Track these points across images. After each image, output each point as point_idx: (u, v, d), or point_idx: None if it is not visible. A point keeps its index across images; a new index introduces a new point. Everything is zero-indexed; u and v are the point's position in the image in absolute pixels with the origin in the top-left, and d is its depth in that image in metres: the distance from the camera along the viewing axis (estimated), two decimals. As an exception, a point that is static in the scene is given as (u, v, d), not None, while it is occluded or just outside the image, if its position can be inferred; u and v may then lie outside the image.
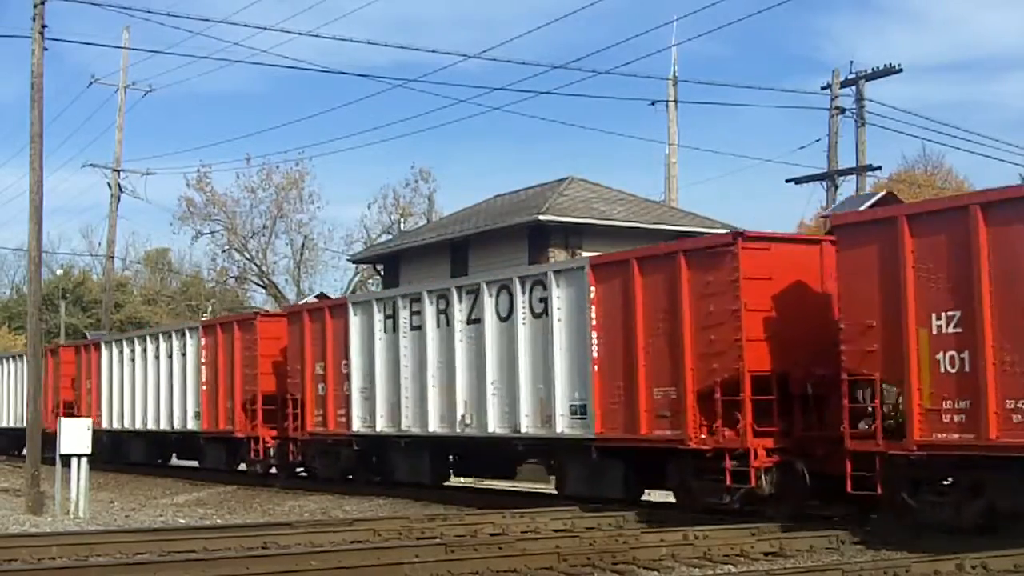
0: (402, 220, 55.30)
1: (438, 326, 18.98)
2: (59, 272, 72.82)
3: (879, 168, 34.12)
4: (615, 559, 11.56)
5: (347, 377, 20.87)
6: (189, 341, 26.52)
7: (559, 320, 16.61)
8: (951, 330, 12.04)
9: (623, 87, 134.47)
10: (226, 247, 58.77)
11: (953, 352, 12.01)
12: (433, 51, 68.04)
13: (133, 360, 29.16)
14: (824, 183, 32.74)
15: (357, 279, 57.39)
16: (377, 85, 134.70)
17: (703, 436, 14.46)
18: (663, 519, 14.82)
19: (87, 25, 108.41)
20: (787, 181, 33.50)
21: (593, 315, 16.00)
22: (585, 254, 27.32)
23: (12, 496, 21.82)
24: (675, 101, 39.67)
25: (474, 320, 18.26)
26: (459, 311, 18.51)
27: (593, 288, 16.06)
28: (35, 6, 20.68)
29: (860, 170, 32.71)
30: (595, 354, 15.97)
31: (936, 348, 12.15)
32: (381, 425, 20.15)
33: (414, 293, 19.90)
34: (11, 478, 26.89)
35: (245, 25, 49.83)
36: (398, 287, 30.51)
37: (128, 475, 28.15)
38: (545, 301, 16.82)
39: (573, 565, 11.34)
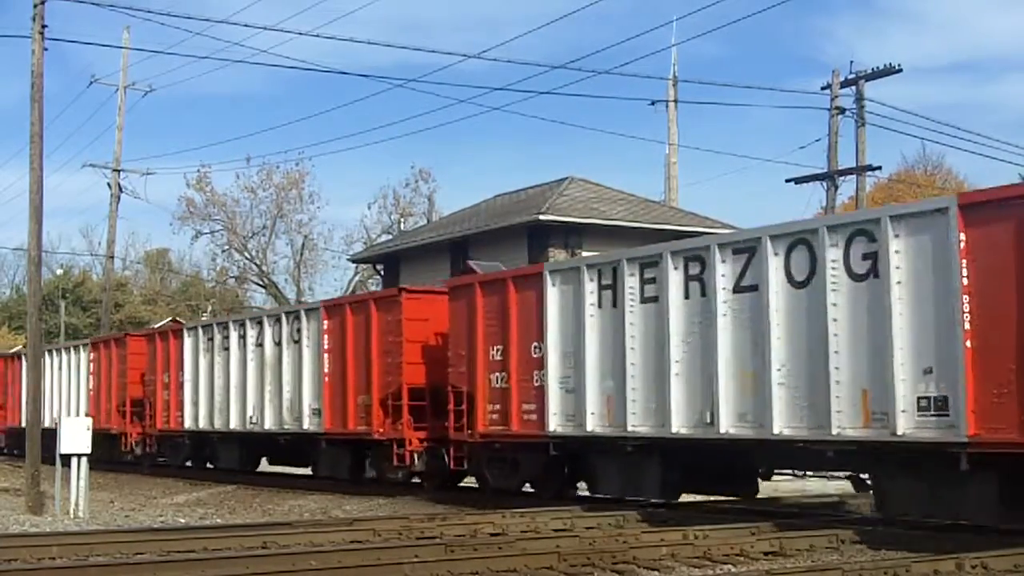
0: (402, 220, 55.36)
1: (239, 348, 24.62)
2: (59, 272, 72.87)
3: (879, 168, 34.15)
4: (615, 559, 11.55)
5: (181, 387, 26.72)
6: (83, 355, 32.29)
7: (307, 347, 22.31)
8: (497, 358, 17.85)
9: (623, 87, 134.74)
10: (226, 247, 58.87)
11: (498, 373, 17.85)
12: (433, 51, 68.26)
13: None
14: (824, 183, 32.73)
15: (357, 279, 57.45)
16: (377, 85, 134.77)
17: (383, 430, 20.16)
18: (663, 519, 14.84)
19: (87, 25, 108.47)
20: (787, 181, 33.50)
21: (326, 343, 21.80)
22: (585, 254, 27.36)
23: (12, 496, 21.81)
24: (675, 101, 39.78)
25: (259, 344, 23.92)
26: (251, 337, 24.22)
27: (326, 322, 21.86)
28: (35, 6, 20.65)
29: (860, 170, 32.71)
30: (326, 370, 21.71)
31: (491, 370, 17.97)
32: (204, 424, 25.83)
33: (224, 322, 25.90)
34: (11, 478, 26.89)
35: (245, 25, 49.96)
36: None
37: (128, 475, 28.19)
38: (300, 331, 22.55)
39: (573, 565, 11.33)
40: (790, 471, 17.77)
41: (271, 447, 24.97)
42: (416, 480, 20.95)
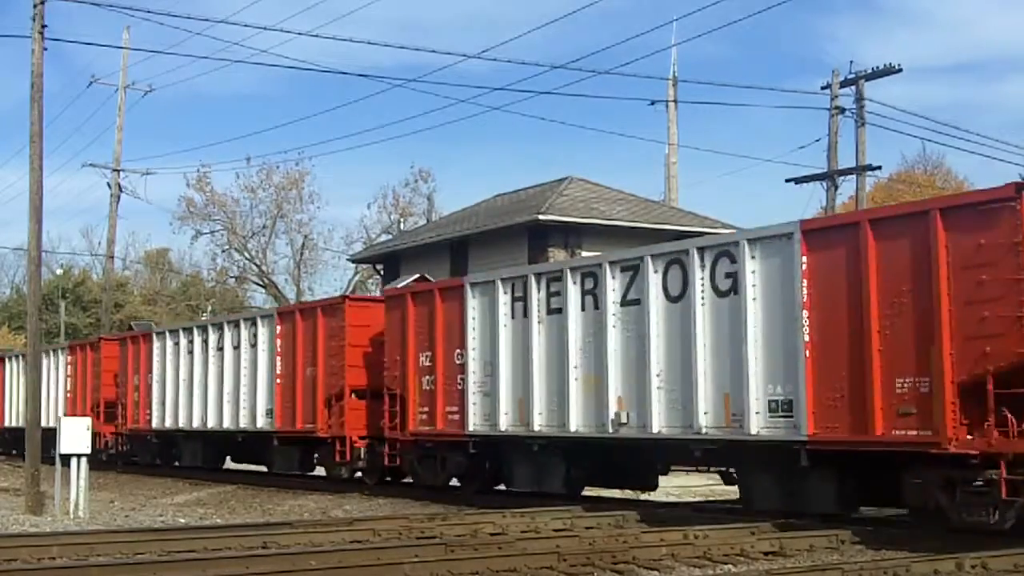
0: (402, 220, 55.33)
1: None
2: (59, 272, 72.84)
3: (879, 168, 34.15)
4: (615, 559, 11.54)
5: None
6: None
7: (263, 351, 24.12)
8: (426, 364, 19.56)
9: (623, 87, 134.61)
10: (226, 247, 58.86)
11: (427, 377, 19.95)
12: (433, 51, 68.03)
13: None
14: (824, 183, 32.74)
15: (357, 279, 57.44)
16: (377, 85, 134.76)
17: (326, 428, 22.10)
18: (663, 519, 14.83)
19: (87, 25, 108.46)
20: (787, 181, 33.53)
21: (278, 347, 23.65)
22: (585, 254, 27.34)
23: (12, 496, 21.80)
24: (675, 101, 39.74)
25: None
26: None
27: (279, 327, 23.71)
28: (35, 6, 20.63)
29: (860, 170, 32.71)
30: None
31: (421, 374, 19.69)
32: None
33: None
34: (11, 478, 26.89)
35: (245, 25, 49.99)
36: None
37: (128, 475, 28.18)
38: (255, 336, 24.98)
39: (573, 565, 11.33)
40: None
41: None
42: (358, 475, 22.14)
